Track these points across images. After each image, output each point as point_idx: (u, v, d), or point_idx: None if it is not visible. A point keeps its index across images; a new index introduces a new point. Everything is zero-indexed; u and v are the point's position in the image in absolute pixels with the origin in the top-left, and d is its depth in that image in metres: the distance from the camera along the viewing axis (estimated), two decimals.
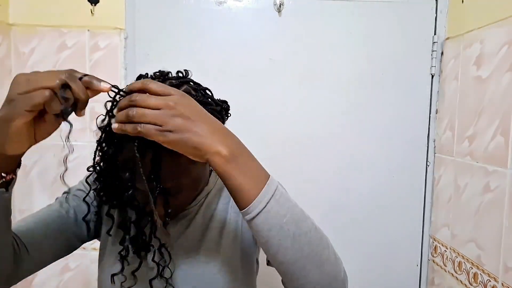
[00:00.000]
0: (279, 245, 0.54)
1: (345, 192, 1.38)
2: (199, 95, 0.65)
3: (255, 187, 0.54)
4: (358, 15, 1.33)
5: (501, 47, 1.02)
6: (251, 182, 0.54)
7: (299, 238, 0.55)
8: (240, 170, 0.53)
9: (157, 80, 0.65)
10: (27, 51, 1.30)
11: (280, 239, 0.54)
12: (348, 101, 1.36)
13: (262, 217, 0.53)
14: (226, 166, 0.52)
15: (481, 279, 1.09)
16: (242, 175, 0.53)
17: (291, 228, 0.54)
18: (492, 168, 1.05)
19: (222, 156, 0.52)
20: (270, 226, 0.54)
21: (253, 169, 0.55)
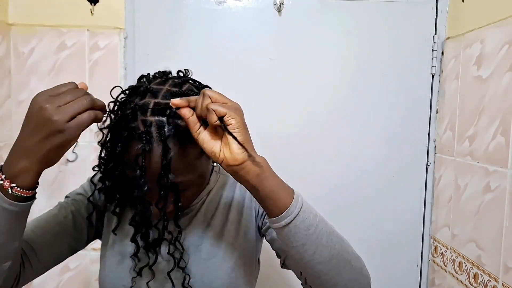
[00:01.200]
0: (316, 244, 0.57)
1: (345, 192, 1.38)
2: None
3: (287, 192, 0.58)
4: (358, 15, 1.33)
5: (502, 47, 1.02)
6: (282, 188, 0.58)
7: (331, 236, 0.59)
8: (273, 177, 0.58)
9: (159, 79, 0.66)
10: (26, 51, 1.30)
11: (318, 237, 0.57)
12: (348, 101, 1.36)
13: (301, 217, 0.56)
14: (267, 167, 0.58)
15: (481, 279, 1.08)
16: (275, 181, 0.58)
17: (323, 227, 0.58)
18: (492, 168, 1.05)
19: (259, 163, 0.57)
20: (308, 225, 0.57)
21: (279, 179, 0.60)
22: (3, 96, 1.27)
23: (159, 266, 0.71)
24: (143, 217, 0.62)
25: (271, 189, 0.56)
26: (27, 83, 1.31)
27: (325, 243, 0.57)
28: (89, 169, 1.21)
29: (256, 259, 0.81)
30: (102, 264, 0.77)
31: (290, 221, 0.56)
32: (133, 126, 0.59)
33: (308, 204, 0.59)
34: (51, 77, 1.31)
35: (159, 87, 0.63)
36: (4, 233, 0.56)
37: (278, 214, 0.56)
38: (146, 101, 0.61)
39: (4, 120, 1.28)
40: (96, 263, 1.37)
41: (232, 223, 0.77)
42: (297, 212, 0.56)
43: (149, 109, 0.59)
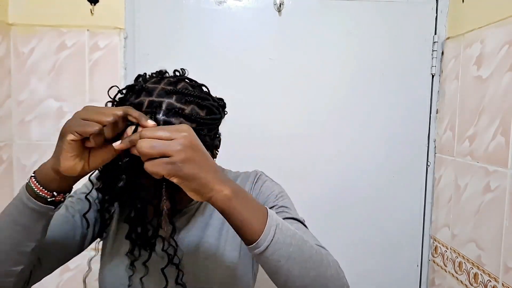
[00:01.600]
0: (288, 274, 0.55)
1: (345, 192, 1.38)
2: (196, 91, 0.66)
3: (259, 220, 0.55)
4: (358, 15, 1.33)
5: (502, 47, 1.02)
6: (254, 216, 0.55)
7: (305, 264, 0.56)
8: (242, 205, 0.54)
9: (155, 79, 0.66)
10: (26, 51, 1.30)
11: (289, 268, 0.55)
12: (348, 101, 1.36)
13: (271, 249, 0.54)
14: (230, 203, 0.53)
15: (481, 279, 1.08)
16: (246, 210, 0.55)
17: (297, 256, 0.56)
18: (492, 168, 1.05)
19: (225, 194, 0.53)
20: (279, 256, 0.55)
21: (253, 204, 0.57)
22: (3, 96, 1.27)
23: (154, 262, 0.71)
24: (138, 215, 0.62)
25: (240, 220, 0.54)
26: (27, 83, 1.31)
27: (297, 273, 0.55)
28: None
29: (254, 260, 0.81)
30: (101, 263, 0.77)
31: (259, 252, 0.54)
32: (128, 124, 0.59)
33: (282, 233, 0.56)
34: (51, 77, 1.31)
35: (154, 86, 0.64)
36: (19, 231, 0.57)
37: (250, 244, 0.55)
38: (141, 100, 0.61)
39: (4, 120, 1.28)
40: (96, 263, 1.37)
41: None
42: (267, 245, 0.54)
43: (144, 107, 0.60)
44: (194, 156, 0.51)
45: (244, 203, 0.55)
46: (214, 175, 0.53)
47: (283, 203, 0.73)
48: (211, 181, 0.52)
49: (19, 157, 1.32)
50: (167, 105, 0.60)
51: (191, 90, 0.65)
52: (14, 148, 1.32)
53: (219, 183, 0.53)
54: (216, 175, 0.54)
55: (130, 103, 0.61)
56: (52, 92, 1.31)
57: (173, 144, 0.49)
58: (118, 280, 0.73)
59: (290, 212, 0.72)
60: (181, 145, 0.50)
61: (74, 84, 1.31)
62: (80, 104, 1.32)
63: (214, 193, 0.53)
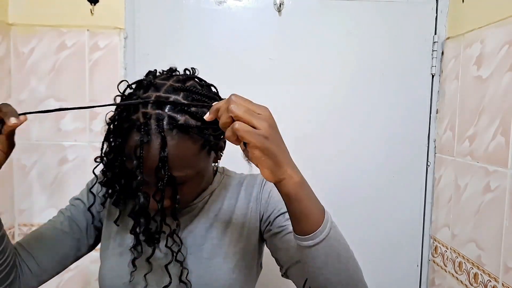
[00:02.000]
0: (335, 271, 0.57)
1: (345, 192, 1.38)
2: (204, 90, 0.67)
3: (318, 214, 0.57)
4: (358, 15, 1.33)
5: (502, 47, 1.02)
6: (315, 208, 0.57)
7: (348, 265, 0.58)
8: (307, 195, 0.56)
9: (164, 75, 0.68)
10: (26, 51, 1.30)
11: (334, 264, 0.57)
12: (348, 101, 1.36)
13: (323, 244, 0.55)
14: (299, 189, 0.55)
15: (481, 279, 1.08)
16: (309, 200, 0.56)
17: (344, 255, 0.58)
18: (492, 168, 1.05)
19: (297, 179, 0.55)
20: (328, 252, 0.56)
21: (315, 197, 0.58)
22: (3, 96, 1.27)
23: (157, 259, 0.71)
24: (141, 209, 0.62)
25: (301, 211, 0.56)
26: (27, 83, 1.31)
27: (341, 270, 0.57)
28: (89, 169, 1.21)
29: (257, 262, 0.80)
30: (102, 260, 0.77)
31: (313, 244, 0.56)
32: (133, 118, 0.60)
33: (335, 230, 0.58)
34: (51, 77, 1.31)
35: (163, 82, 0.64)
36: None
37: (304, 235, 0.56)
38: (149, 95, 0.62)
39: None
40: (96, 263, 1.37)
41: (235, 225, 0.76)
42: (323, 238, 0.55)
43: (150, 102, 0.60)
44: (276, 136, 0.54)
45: (308, 194, 0.57)
46: (289, 160, 0.56)
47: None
48: (286, 164, 0.55)
49: (19, 157, 1.32)
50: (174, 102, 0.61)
51: (199, 89, 0.66)
52: (14, 148, 1.32)
53: (292, 168, 0.55)
54: (291, 161, 0.56)
55: (137, 97, 0.63)
56: (52, 92, 1.31)
57: (262, 118, 0.52)
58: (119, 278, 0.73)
59: None
60: (268, 122, 0.52)
61: (74, 84, 1.31)
62: (80, 104, 1.32)
63: (286, 176, 0.54)
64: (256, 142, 0.50)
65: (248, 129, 0.50)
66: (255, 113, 0.52)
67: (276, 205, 0.75)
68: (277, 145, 0.53)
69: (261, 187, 0.79)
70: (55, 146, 1.31)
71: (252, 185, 0.80)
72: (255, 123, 0.51)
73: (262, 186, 0.79)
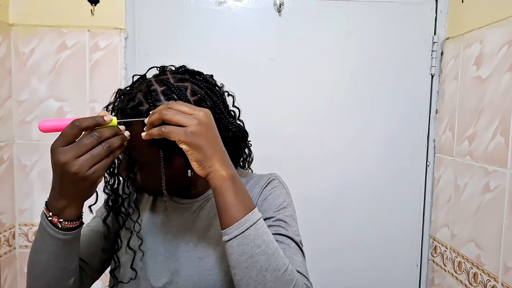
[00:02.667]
0: (244, 273, 0.57)
1: (345, 192, 1.38)
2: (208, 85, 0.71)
3: (241, 211, 0.58)
4: (358, 15, 1.34)
5: (501, 47, 1.03)
6: (239, 205, 0.59)
7: (265, 272, 0.57)
8: (233, 191, 0.59)
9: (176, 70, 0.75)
10: (27, 51, 1.30)
11: (247, 267, 0.57)
12: (348, 101, 1.36)
13: (238, 240, 0.57)
14: (224, 183, 0.58)
15: (481, 279, 1.09)
16: (234, 196, 0.59)
17: (260, 261, 0.57)
18: (492, 168, 1.05)
19: (223, 174, 0.58)
20: (242, 251, 0.57)
21: (244, 195, 0.60)
22: (4, 96, 1.27)
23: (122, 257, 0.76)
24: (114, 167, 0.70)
25: (221, 205, 0.59)
26: (27, 83, 1.31)
27: (254, 276, 0.57)
28: None
29: None
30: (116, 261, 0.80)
31: (226, 240, 0.58)
32: None
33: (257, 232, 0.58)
34: (52, 77, 1.31)
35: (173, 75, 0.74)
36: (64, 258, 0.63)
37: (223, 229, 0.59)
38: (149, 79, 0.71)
39: (5, 120, 1.28)
40: None
41: None
42: (236, 234, 0.57)
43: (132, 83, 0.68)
44: (206, 132, 0.57)
45: (235, 190, 0.59)
46: (219, 155, 0.59)
47: (282, 216, 0.72)
48: (215, 159, 0.58)
49: (19, 157, 1.32)
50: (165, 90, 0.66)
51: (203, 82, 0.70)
52: (15, 148, 1.32)
53: (221, 163, 0.59)
54: (222, 157, 0.59)
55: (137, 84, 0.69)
56: (53, 92, 1.31)
57: (191, 117, 0.56)
58: None
59: (286, 227, 0.71)
60: (197, 120, 0.57)
61: (75, 84, 1.31)
62: (81, 104, 1.32)
63: (213, 169, 0.58)
64: (181, 137, 0.55)
65: (172, 129, 0.56)
66: (186, 114, 0.57)
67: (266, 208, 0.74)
68: (206, 140, 0.57)
69: (261, 189, 0.78)
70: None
71: (255, 185, 0.79)
72: (183, 122, 0.56)
73: (263, 187, 0.78)
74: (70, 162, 0.54)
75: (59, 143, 0.54)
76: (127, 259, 0.74)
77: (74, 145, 0.54)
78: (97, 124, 0.56)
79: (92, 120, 0.55)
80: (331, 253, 1.39)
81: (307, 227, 0.75)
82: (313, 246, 1.20)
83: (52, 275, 0.63)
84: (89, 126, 0.55)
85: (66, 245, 0.61)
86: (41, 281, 0.64)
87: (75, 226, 0.60)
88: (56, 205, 0.58)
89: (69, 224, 0.59)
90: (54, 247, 0.61)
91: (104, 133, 0.56)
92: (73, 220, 0.60)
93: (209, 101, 0.68)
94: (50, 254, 0.62)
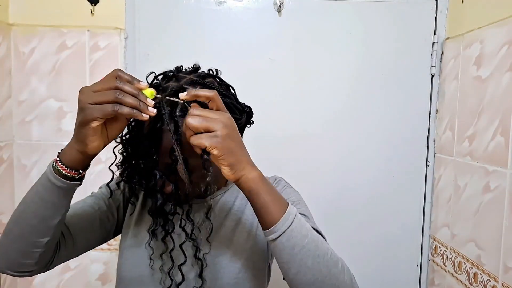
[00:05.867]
0: (300, 264, 0.57)
1: (345, 192, 1.38)
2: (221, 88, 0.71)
3: (280, 207, 0.59)
4: (358, 15, 1.34)
5: (501, 47, 1.03)
6: (276, 202, 0.60)
7: (318, 259, 0.58)
8: (268, 190, 0.60)
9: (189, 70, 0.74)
10: (27, 51, 1.30)
11: (302, 258, 0.57)
12: (348, 101, 1.36)
13: (287, 235, 0.57)
14: (258, 184, 0.59)
15: (481, 279, 1.09)
16: (270, 194, 0.60)
17: (312, 249, 0.58)
18: (492, 168, 1.05)
19: (256, 174, 0.59)
20: (293, 244, 0.57)
21: (276, 192, 0.62)
22: (4, 96, 1.27)
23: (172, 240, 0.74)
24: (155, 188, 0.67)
25: (262, 204, 0.59)
26: (27, 83, 1.31)
27: (310, 265, 0.58)
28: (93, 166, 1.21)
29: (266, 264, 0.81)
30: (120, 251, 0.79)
31: (275, 237, 0.58)
32: None
33: (300, 223, 0.60)
34: (52, 77, 1.31)
35: (185, 75, 0.70)
36: (47, 207, 0.62)
37: (268, 227, 0.59)
38: (169, 84, 0.67)
39: (5, 120, 1.28)
40: (96, 263, 1.37)
41: (244, 225, 0.78)
42: (284, 229, 0.57)
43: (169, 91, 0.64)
44: (234, 135, 0.57)
45: (269, 188, 0.60)
46: (248, 157, 0.60)
47: (301, 211, 0.74)
48: (245, 161, 0.59)
49: (19, 157, 1.32)
50: None
51: (216, 86, 0.70)
52: (15, 148, 1.32)
53: (251, 164, 0.60)
54: (249, 158, 0.60)
55: (159, 85, 0.68)
56: (53, 92, 1.31)
57: (217, 121, 0.56)
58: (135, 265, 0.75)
59: (308, 220, 0.73)
60: (224, 123, 0.56)
61: (75, 84, 1.31)
62: None
63: (246, 171, 0.58)
64: (212, 142, 0.55)
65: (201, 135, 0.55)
66: (211, 119, 0.56)
67: None
68: (235, 143, 0.57)
69: None
70: (56, 146, 1.32)
71: None
72: (210, 127, 0.55)
73: None
74: (84, 90, 0.56)
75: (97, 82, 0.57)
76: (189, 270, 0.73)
77: (100, 81, 0.57)
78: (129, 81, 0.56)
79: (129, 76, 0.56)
80: None
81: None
82: None
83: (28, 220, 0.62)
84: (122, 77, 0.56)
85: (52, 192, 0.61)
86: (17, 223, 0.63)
87: (67, 173, 0.60)
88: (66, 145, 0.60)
89: (63, 168, 0.59)
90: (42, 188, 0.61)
91: (126, 86, 0.55)
92: (68, 165, 0.59)
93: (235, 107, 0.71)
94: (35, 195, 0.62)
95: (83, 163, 0.61)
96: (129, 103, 0.54)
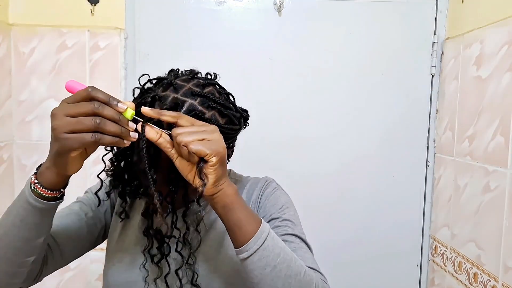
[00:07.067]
0: (270, 286, 0.56)
1: (345, 192, 1.38)
2: (221, 99, 0.66)
3: (253, 225, 0.57)
4: (358, 15, 1.34)
5: (501, 47, 1.03)
6: (251, 218, 0.58)
7: (289, 279, 0.56)
8: (243, 205, 0.58)
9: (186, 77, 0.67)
10: (27, 51, 1.30)
11: (273, 279, 0.56)
12: (348, 101, 1.36)
13: (259, 254, 0.55)
14: (233, 199, 0.57)
15: (481, 279, 1.09)
16: (243, 211, 0.57)
17: (283, 269, 0.56)
18: (492, 168, 1.05)
19: (231, 190, 0.57)
20: (265, 264, 0.55)
21: (249, 209, 0.59)
22: (4, 96, 1.27)
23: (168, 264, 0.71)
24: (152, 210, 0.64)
25: (234, 222, 0.57)
26: (27, 83, 1.31)
27: (280, 286, 0.56)
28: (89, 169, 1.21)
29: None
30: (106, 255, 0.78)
31: (247, 256, 0.56)
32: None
33: (273, 242, 0.57)
34: (52, 77, 1.31)
35: (183, 84, 0.64)
36: (30, 228, 0.58)
37: (239, 247, 0.57)
38: (166, 94, 0.62)
39: (5, 120, 1.28)
40: (96, 263, 1.37)
41: None
42: (256, 248, 0.55)
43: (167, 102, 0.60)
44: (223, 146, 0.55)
45: (244, 205, 0.58)
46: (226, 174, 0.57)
47: (287, 216, 0.73)
48: (226, 174, 0.57)
49: (19, 157, 1.32)
50: (189, 106, 0.61)
51: (217, 97, 0.65)
52: (15, 148, 1.32)
53: (227, 178, 0.57)
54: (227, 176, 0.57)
55: (155, 94, 0.62)
56: (53, 92, 1.31)
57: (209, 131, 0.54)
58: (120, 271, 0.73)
59: (292, 227, 0.71)
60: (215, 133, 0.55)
61: None
62: None
63: (225, 185, 0.56)
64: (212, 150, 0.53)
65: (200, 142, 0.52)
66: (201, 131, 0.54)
67: (269, 210, 0.74)
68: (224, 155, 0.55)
69: (261, 191, 0.79)
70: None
71: (254, 188, 0.79)
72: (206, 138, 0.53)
73: (262, 190, 0.79)
74: (57, 115, 0.50)
75: (67, 99, 0.52)
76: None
77: (73, 105, 0.51)
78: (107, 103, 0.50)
79: (105, 96, 0.50)
80: (331, 253, 1.39)
81: (306, 227, 0.75)
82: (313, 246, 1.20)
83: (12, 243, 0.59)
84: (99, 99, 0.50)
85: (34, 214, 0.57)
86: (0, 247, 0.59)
87: (48, 195, 0.56)
88: (43, 165, 0.56)
89: (43, 191, 0.56)
90: (22, 210, 0.57)
91: (105, 111, 0.49)
92: (47, 188, 0.56)
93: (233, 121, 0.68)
94: (16, 218, 0.58)
95: (63, 183, 0.58)
96: (111, 131, 0.50)
